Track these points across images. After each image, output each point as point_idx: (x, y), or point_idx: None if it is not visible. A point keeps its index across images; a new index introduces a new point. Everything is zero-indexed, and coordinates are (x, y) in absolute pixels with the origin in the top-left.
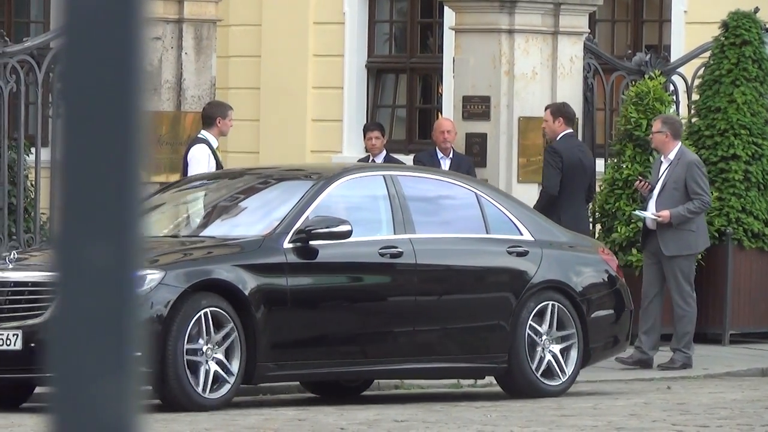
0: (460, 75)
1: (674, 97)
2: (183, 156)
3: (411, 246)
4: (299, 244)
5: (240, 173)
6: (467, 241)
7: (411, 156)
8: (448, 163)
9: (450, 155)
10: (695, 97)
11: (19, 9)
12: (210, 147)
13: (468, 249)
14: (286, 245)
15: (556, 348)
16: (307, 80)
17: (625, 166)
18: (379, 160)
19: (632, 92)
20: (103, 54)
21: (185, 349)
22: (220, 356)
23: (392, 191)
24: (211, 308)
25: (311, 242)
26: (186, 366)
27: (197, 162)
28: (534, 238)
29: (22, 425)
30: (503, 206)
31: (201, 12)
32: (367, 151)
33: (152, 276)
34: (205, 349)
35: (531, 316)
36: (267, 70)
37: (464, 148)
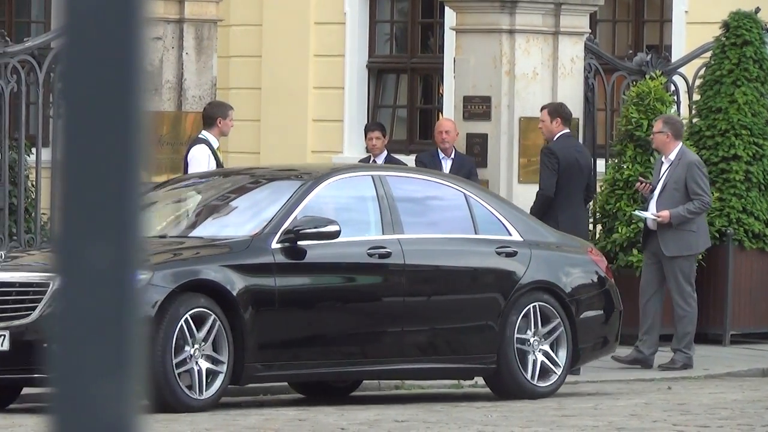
0: (461, 75)
1: (675, 98)
2: (183, 156)
3: (399, 246)
4: (287, 245)
5: (228, 173)
6: (456, 242)
7: (412, 156)
8: (450, 164)
9: (452, 155)
10: (696, 98)
11: (20, 9)
12: (210, 147)
13: (457, 249)
14: (275, 245)
15: (545, 349)
16: (308, 80)
17: (626, 167)
18: (380, 161)
19: (633, 92)
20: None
21: (173, 351)
22: (208, 357)
23: (381, 191)
24: (199, 309)
25: (299, 242)
26: (174, 367)
27: (197, 162)
28: (523, 239)
29: (23, 425)
30: (492, 206)
31: (202, 12)
32: (368, 152)
33: (140, 276)
34: (193, 350)
35: (520, 317)
36: (268, 70)
37: (465, 149)
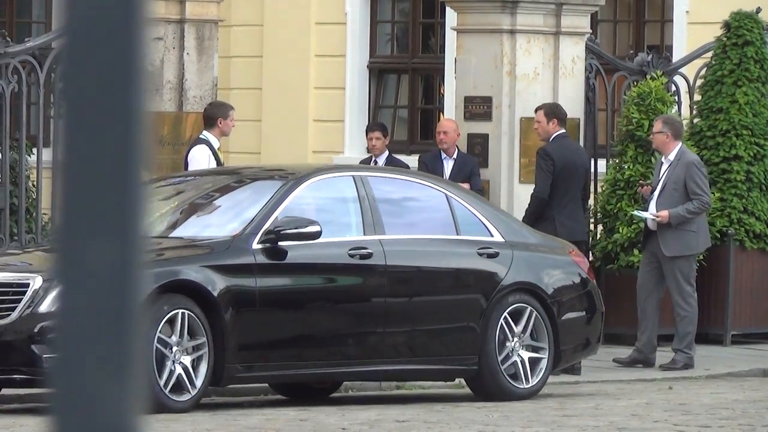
0: (462, 75)
1: (676, 98)
2: (184, 156)
3: (381, 247)
4: (268, 245)
5: (210, 173)
6: (437, 243)
7: (413, 156)
8: (451, 164)
9: (454, 156)
10: (697, 98)
11: (21, 9)
12: (211, 148)
13: (438, 250)
14: (255, 246)
15: (527, 350)
16: (309, 80)
17: (627, 167)
18: (381, 161)
19: (634, 93)
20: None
21: (154, 350)
22: (188, 357)
23: (362, 192)
24: (179, 310)
25: (280, 243)
26: (155, 367)
27: (197, 162)
28: (504, 240)
29: (24, 425)
30: (473, 207)
31: (203, 12)
32: (369, 152)
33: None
34: (174, 351)
35: (501, 319)
36: (269, 71)
37: (466, 149)
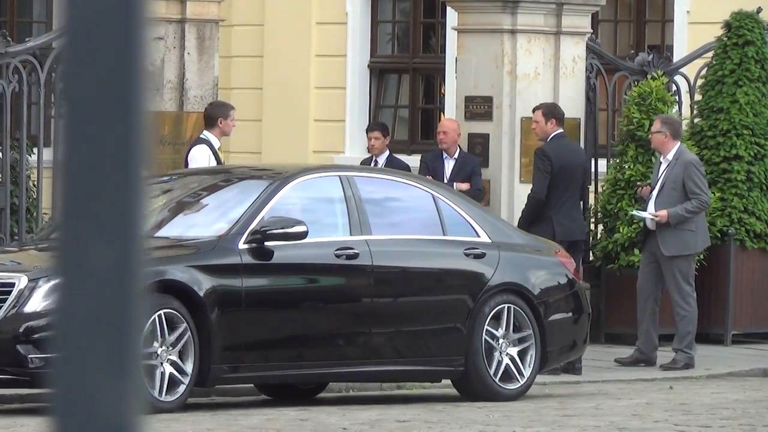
0: (463, 75)
1: (677, 98)
2: (185, 156)
3: (367, 247)
4: (254, 245)
5: (197, 172)
6: (424, 243)
7: (413, 156)
8: (452, 164)
9: (455, 155)
10: (698, 98)
11: (22, 9)
12: (211, 147)
13: (425, 251)
14: (242, 246)
15: (514, 351)
16: (310, 80)
17: (628, 167)
18: (382, 161)
19: (635, 92)
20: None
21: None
22: (174, 358)
23: (348, 192)
24: (165, 310)
25: (266, 243)
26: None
27: (197, 162)
28: (491, 240)
29: (25, 425)
30: (460, 208)
31: (203, 12)
32: (369, 152)
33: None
34: (160, 352)
35: (488, 319)
36: (269, 70)
37: (466, 149)
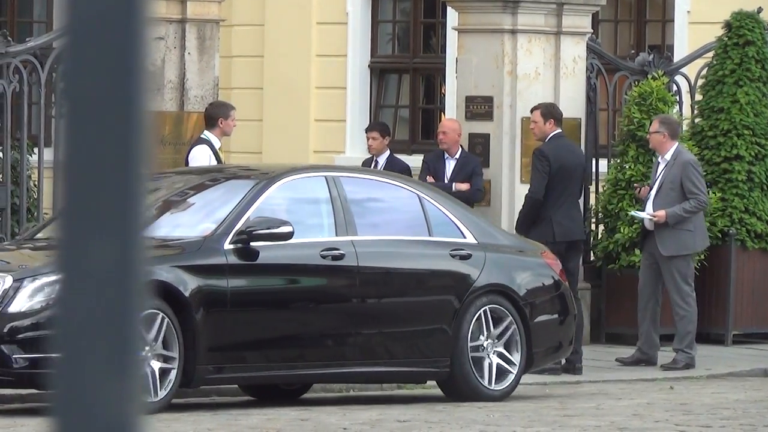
0: (463, 75)
1: (677, 98)
2: (185, 156)
3: (353, 248)
4: (240, 246)
5: (183, 171)
6: (409, 244)
7: (414, 156)
8: (453, 164)
9: (456, 156)
10: (698, 98)
11: (22, 9)
12: (212, 147)
13: (410, 252)
14: (227, 246)
15: (499, 352)
16: (310, 80)
17: (628, 167)
18: (382, 161)
19: (635, 92)
20: (106, 54)
21: None
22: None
23: (334, 193)
24: (150, 310)
25: (252, 243)
26: None
27: (197, 163)
28: (477, 241)
29: (25, 425)
30: (446, 209)
31: (204, 12)
32: (369, 152)
33: None
34: (145, 351)
35: (473, 320)
36: (270, 70)
37: (467, 149)
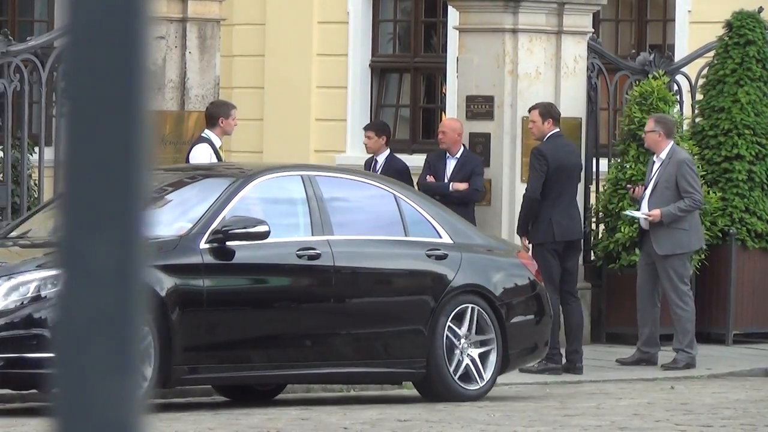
0: (464, 74)
1: (678, 97)
2: (186, 155)
3: (329, 248)
4: (216, 245)
5: (163, 169)
6: (386, 244)
7: (414, 156)
8: (454, 163)
9: (457, 155)
10: (699, 97)
11: (23, 8)
12: (213, 146)
13: (386, 252)
14: (203, 246)
15: (475, 352)
16: (311, 79)
17: (629, 166)
18: (381, 160)
19: (636, 92)
20: (107, 53)
21: None
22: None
23: (310, 192)
24: None
25: (228, 243)
26: None
27: (198, 162)
28: (453, 242)
29: (25, 425)
30: (422, 208)
31: (205, 11)
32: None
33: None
34: None
35: (449, 320)
36: (271, 70)
37: (468, 148)
